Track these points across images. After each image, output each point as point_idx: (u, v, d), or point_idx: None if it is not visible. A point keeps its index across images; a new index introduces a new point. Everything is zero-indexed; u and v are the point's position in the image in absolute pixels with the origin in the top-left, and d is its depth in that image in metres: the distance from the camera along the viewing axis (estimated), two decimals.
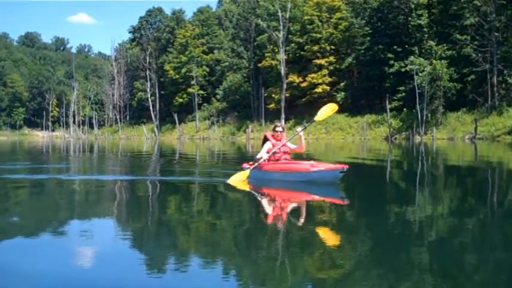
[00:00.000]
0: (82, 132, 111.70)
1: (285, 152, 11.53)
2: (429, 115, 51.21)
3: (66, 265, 4.72)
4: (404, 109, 53.84)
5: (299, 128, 11.81)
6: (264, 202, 9.35)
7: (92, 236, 6.00)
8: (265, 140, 11.70)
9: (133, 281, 4.31)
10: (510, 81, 46.99)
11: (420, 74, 50.51)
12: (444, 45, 51.79)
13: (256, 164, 11.57)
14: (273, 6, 71.07)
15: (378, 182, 12.68)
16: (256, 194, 10.33)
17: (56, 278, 4.36)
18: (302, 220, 6.95)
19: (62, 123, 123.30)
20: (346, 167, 10.27)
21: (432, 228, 6.55)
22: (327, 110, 12.69)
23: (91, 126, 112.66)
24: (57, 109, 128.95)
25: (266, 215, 7.73)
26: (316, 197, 9.41)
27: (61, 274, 4.45)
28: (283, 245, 5.54)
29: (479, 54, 48.78)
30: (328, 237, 6.00)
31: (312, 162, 11.13)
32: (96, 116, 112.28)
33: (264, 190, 10.69)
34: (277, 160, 11.45)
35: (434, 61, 50.10)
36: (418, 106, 50.69)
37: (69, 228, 6.54)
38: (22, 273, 4.48)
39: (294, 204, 8.93)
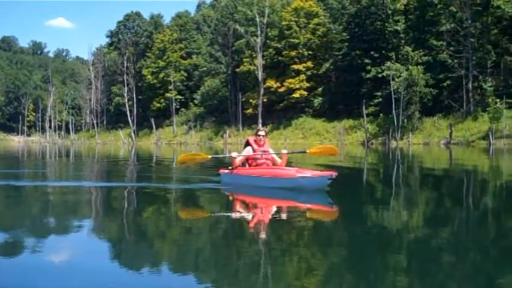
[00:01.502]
0: (58, 137, 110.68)
1: (266, 158, 11.14)
2: (405, 120, 51.55)
3: (38, 275, 4.62)
4: (381, 114, 54.13)
5: (285, 151, 11.48)
6: (246, 209, 9.04)
7: (66, 245, 5.90)
8: (247, 144, 11.32)
9: None
10: (485, 87, 47.45)
11: (396, 80, 50.89)
12: (420, 51, 52.28)
13: (221, 156, 11.43)
14: (251, 11, 71.22)
15: (356, 187, 12.63)
16: (237, 200, 10.04)
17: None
18: (285, 229, 6.86)
19: (38, 128, 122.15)
20: (334, 174, 9.75)
21: (411, 233, 6.59)
22: (325, 150, 12.37)
23: (67, 131, 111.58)
24: (34, 114, 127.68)
25: (248, 222, 7.46)
26: (302, 204, 9.03)
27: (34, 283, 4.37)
28: (264, 254, 5.42)
29: (455, 60, 49.33)
30: (311, 245, 5.96)
31: (296, 168, 10.68)
32: (73, 121, 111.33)
33: (244, 197, 10.27)
34: (258, 165, 11.03)
35: (410, 67, 50.50)
36: (394, 111, 50.99)
37: (42, 236, 6.40)
38: None
39: (276, 212, 8.62)
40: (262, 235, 6.37)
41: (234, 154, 11.38)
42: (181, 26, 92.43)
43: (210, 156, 11.75)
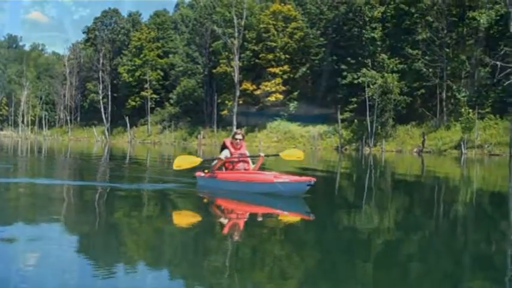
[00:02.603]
0: (31, 132, 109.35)
1: (244, 161, 10.97)
2: (379, 127, 51.79)
3: (9, 274, 4.57)
4: (355, 120, 54.33)
5: (262, 154, 11.40)
6: (220, 214, 8.98)
7: (35, 244, 5.84)
8: (224, 147, 11.13)
9: None
10: (458, 97, 47.94)
11: (372, 86, 51.12)
12: (396, 58, 52.68)
13: (210, 158, 11.36)
14: (229, 13, 71.11)
15: (329, 192, 12.68)
16: (211, 205, 9.97)
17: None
18: (257, 235, 6.86)
19: (10, 123, 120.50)
20: (313, 180, 9.63)
21: (382, 238, 6.66)
22: (293, 154, 12.65)
23: (41, 126, 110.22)
24: (6, 108, 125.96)
25: (222, 227, 7.43)
26: (279, 211, 8.94)
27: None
28: (234, 260, 5.44)
29: (430, 69, 49.77)
30: (282, 250, 5.98)
31: (274, 173, 10.55)
32: (47, 116, 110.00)
33: (220, 201, 10.17)
34: (235, 169, 10.84)
35: (385, 74, 50.81)
36: (368, 118, 51.27)
37: (11, 235, 6.31)
38: None
39: (250, 217, 8.61)
40: (233, 241, 6.37)
41: (222, 156, 11.06)
42: (159, 25, 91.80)
43: (202, 159, 11.69)
